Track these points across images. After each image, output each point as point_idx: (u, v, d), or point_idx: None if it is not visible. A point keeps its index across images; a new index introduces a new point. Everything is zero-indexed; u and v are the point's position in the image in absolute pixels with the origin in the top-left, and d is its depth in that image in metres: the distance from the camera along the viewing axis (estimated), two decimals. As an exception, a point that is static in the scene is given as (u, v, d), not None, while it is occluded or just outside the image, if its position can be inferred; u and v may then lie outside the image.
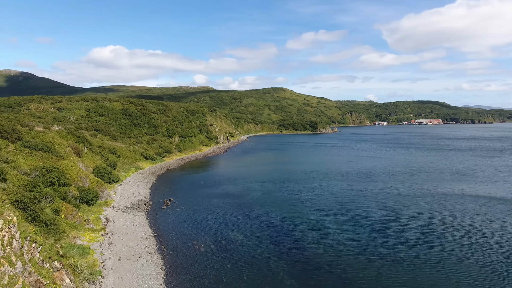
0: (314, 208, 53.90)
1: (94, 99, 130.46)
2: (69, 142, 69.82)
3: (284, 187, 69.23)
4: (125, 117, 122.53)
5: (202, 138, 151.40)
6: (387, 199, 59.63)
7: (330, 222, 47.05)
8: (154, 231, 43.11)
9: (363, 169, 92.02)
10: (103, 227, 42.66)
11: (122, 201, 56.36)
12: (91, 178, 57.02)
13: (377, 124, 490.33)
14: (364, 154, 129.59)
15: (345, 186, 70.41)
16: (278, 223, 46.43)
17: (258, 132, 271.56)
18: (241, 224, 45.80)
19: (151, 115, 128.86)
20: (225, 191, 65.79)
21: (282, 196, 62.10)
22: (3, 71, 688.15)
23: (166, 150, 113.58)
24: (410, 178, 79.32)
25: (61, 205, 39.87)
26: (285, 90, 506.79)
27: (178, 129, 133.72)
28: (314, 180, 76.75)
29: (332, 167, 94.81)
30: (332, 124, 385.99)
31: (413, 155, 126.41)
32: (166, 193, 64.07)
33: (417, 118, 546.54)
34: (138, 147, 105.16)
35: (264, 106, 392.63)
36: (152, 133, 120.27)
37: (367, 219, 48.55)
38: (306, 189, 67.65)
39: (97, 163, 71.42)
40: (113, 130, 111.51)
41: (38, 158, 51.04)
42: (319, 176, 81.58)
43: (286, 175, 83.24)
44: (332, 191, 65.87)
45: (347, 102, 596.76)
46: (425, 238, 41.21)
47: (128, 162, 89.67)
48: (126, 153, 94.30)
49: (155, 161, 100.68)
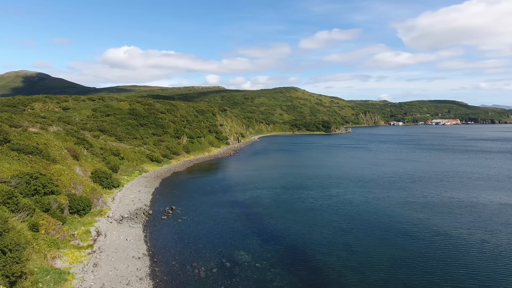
0: (333, 221, 47.42)
1: (100, 99, 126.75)
2: (67, 144, 65.16)
3: (297, 194, 62.90)
4: (131, 117, 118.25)
5: (211, 138, 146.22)
6: (415, 210, 52.63)
7: (352, 239, 40.53)
8: (149, 248, 37.51)
9: (383, 173, 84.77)
10: (91, 243, 37.28)
11: (119, 210, 51.10)
12: (86, 184, 51.96)
13: (392, 124, 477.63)
14: (383, 156, 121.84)
15: (365, 193, 63.59)
16: (292, 241, 40.19)
17: (270, 133, 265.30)
18: (249, 241, 39.76)
19: (158, 115, 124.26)
20: (233, 199, 59.89)
21: (296, 205, 55.78)
22: (19, 71, 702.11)
23: (174, 152, 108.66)
24: (437, 184, 71.82)
25: (42, 218, 34.66)
26: (297, 90, 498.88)
27: (187, 129, 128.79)
28: (331, 186, 70.13)
29: (349, 171, 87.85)
30: (345, 124, 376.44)
31: (436, 157, 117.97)
32: (168, 200, 58.62)
33: (434, 118, 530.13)
34: (144, 149, 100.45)
35: (276, 106, 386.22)
36: (159, 134, 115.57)
37: (395, 235, 41.83)
38: (322, 196, 61.15)
39: (97, 166, 66.60)
40: (118, 131, 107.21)
41: (27, 163, 46.17)
42: (335, 181, 74.88)
43: (299, 180, 76.84)
44: (351, 199, 59.20)
45: (360, 101, 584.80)
46: (470, 261, 34.31)
47: (132, 165, 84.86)
48: (130, 154, 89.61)
49: (161, 163, 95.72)
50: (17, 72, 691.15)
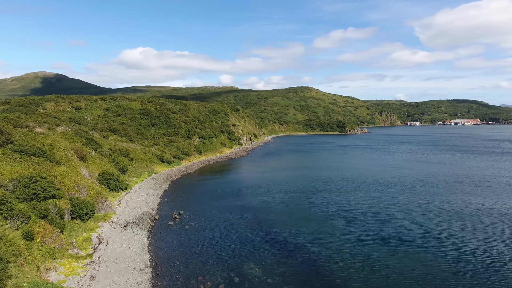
0: (351, 230, 43.71)
1: (112, 99, 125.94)
2: (75, 145, 63.46)
3: (312, 199, 59.29)
4: (143, 117, 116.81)
5: (223, 139, 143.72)
6: (441, 219, 48.29)
7: (374, 252, 36.79)
8: (152, 258, 34.78)
9: (404, 176, 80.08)
10: (91, 253, 34.84)
11: (125, 214, 48.75)
12: (91, 187, 49.84)
13: (409, 124, 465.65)
14: (402, 158, 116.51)
15: (386, 199, 59.42)
16: (307, 253, 36.75)
17: (283, 133, 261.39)
18: (260, 252, 36.55)
19: (170, 115, 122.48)
20: (244, 203, 56.78)
21: (311, 211, 52.22)
22: (38, 73, 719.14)
23: (185, 152, 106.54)
24: (464, 189, 66.86)
25: (38, 225, 32.38)
26: (311, 89, 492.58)
27: (198, 129, 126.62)
28: (348, 190, 66.17)
29: (367, 174, 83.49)
30: (360, 125, 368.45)
31: (460, 159, 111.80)
32: (177, 203, 56.00)
33: (453, 118, 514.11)
34: (155, 149, 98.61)
35: (289, 106, 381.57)
36: (171, 134, 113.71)
37: (421, 248, 37.85)
38: (339, 202, 57.36)
39: (105, 168, 64.69)
40: (129, 131, 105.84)
41: (29, 165, 44.27)
42: (353, 185, 70.83)
43: (314, 183, 73.12)
44: (370, 205, 55.20)
45: (376, 101, 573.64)
46: (510, 279, 30.16)
47: (142, 166, 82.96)
48: (140, 155, 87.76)
49: (172, 164, 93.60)
50: (36, 73, 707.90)
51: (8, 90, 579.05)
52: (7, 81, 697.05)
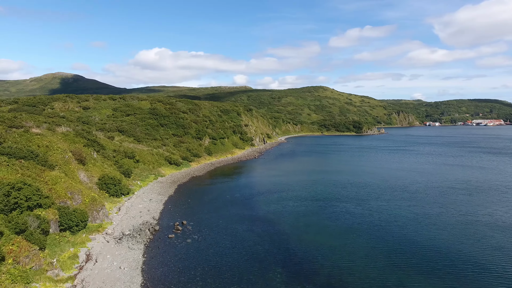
0: (377, 248, 37.64)
1: (122, 98, 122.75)
2: (75, 146, 59.52)
3: (331, 208, 53.32)
4: (152, 117, 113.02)
5: (235, 139, 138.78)
6: (483, 234, 41.57)
7: (405, 277, 30.69)
8: (145, 281, 29.80)
9: (431, 182, 72.96)
10: (75, 274, 30.10)
11: (122, 224, 44.11)
12: (86, 194, 45.39)
13: (428, 124, 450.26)
14: (426, 160, 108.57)
15: (413, 208, 52.87)
16: (326, 277, 30.98)
17: (297, 133, 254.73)
18: (271, 276, 31.02)
19: (180, 114, 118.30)
20: (254, 213, 51.34)
21: (329, 224, 46.32)
22: (56, 73, 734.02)
23: (194, 154, 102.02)
24: (501, 197, 59.42)
25: (12, 242, 27.83)
26: (326, 89, 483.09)
27: (209, 130, 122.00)
28: (370, 197, 59.83)
29: (389, 179, 76.70)
30: (377, 125, 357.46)
31: (490, 163, 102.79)
32: (181, 211, 51.10)
33: (474, 118, 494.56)
34: (163, 150, 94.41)
35: (303, 106, 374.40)
36: (180, 135, 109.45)
37: (461, 271, 31.52)
38: (361, 212, 51.22)
39: (107, 171, 60.47)
40: (137, 131, 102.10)
41: (17, 169, 40.09)
42: (375, 191, 64.38)
43: (332, 188, 67.03)
44: (396, 217, 48.85)
45: (392, 101, 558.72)
46: None
47: (148, 168, 78.70)
48: (147, 157, 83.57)
49: (180, 166, 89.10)
50: (54, 74, 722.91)
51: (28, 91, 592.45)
52: (27, 81, 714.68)
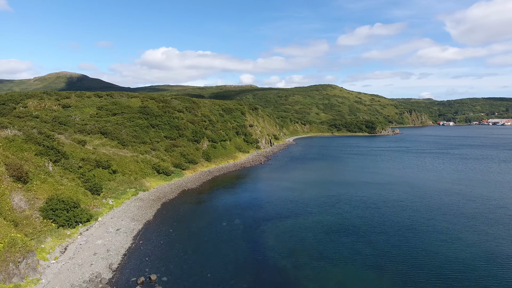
0: None
1: (108, 95, 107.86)
2: (21, 156, 44.39)
3: (366, 245, 37.32)
4: (142, 117, 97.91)
5: (239, 142, 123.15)
6: None
7: None
8: None
9: (495, 201, 56.49)
10: None
11: (55, 284, 28.63)
12: (4, 233, 30.00)
13: (442, 124, 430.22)
14: (467, 167, 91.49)
15: (491, 247, 36.68)
16: None
17: (306, 134, 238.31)
18: None
19: (174, 114, 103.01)
20: (261, 256, 35.49)
21: (370, 278, 30.36)
22: (60, 73, 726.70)
23: (189, 160, 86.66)
24: None
25: None
26: (335, 87, 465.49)
27: (208, 131, 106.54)
28: (418, 227, 43.66)
29: (435, 196, 60.31)
30: (389, 124, 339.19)
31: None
32: (154, 253, 35.56)
33: (490, 117, 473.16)
34: (151, 156, 79.12)
35: (311, 105, 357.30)
36: (174, 137, 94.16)
37: None
38: (411, 255, 35.15)
39: (62, 189, 45.20)
40: (123, 133, 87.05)
41: None
42: (421, 214, 48.15)
43: (361, 211, 50.96)
44: (468, 261, 32.75)
45: (402, 100, 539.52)
46: None
47: (128, 180, 63.41)
48: (129, 165, 68.33)
49: (170, 176, 73.74)
50: (58, 74, 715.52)
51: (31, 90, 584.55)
52: (30, 81, 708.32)
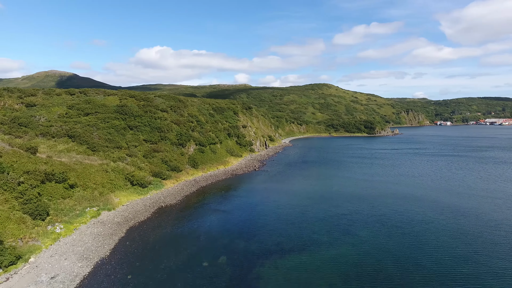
0: None
1: (82, 92, 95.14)
2: None
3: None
4: (119, 117, 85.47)
5: (231, 144, 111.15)
6: None
7: None
8: None
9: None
10: None
11: None
12: None
13: (439, 124, 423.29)
14: (494, 173, 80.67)
15: None
16: None
17: (303, 134, 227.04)
18: None
19: (157, 113, 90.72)
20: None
21: None
22: (49, 71, 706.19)
23: (172, 167, 74.65)
24: None
25: None
26: (330, 87, 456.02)
27: (196, 133, 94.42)
28: (460, 258, 32.25)
29: (470, 212, 49.03)
30: (386, 124, 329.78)
31: None
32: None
33: (487, 117, 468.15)
34: (125, 164, 66.78)
35: (307, 104, 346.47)
36: (155, 140, 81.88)
37: None
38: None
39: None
40: (95, 136, 74.65)
41: None
42: (461, 247, 36.77)
43: (383, 239, 39.39)
44: None
45: (397, 99, 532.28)
46: None
47: (91, 197, 51.10)
48: (94, 177, 55.98)
49: (147, 188, 61.57)
50: (47, 72, 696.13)
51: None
52: (18, 80, 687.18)
